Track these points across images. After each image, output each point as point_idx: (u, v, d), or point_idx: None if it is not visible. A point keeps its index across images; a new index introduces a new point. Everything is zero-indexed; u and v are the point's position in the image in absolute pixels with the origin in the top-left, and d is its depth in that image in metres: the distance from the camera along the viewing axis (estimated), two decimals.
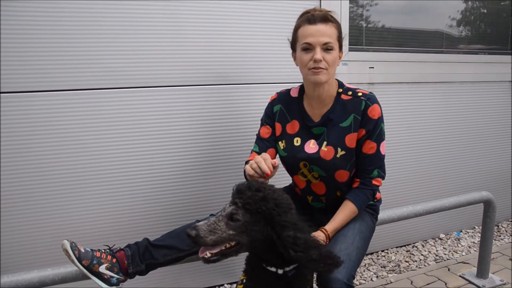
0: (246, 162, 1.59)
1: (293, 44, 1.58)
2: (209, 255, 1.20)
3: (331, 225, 1.50)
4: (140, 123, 2.02)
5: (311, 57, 1.47)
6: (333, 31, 1.49)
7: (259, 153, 1.59)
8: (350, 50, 2.47)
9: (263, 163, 1.31)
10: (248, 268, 1.39)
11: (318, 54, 1.45)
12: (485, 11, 3.07)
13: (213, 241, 1.17)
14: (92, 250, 1.43)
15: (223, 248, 1.21)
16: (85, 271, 1.38)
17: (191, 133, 2.12)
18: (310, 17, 1.49)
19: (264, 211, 1.18)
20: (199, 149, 2.15)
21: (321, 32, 1.46)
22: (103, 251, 1.44)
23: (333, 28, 1.49)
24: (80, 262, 1.37)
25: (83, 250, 1.40)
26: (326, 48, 1.47)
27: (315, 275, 1.48)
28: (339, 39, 1.53)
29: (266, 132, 1.68)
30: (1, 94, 1.78)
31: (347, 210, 1.53)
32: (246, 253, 1.36)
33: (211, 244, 1.19)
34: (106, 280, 1.40)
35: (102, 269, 1.39)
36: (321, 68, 1.47)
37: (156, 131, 2.05)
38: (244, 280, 1.40)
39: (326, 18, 1.48)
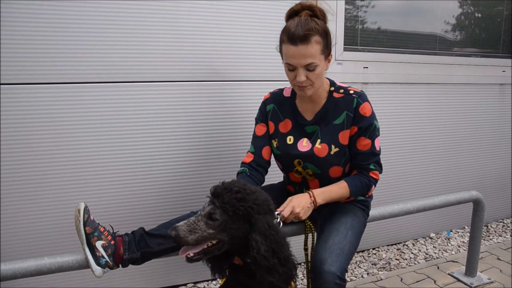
0: (242, 164, 1.67)
1: (281, 53, 1.55)
2: (192, 254, 1.23)
3: (319, 189, 1.54)
4: (137, 116, 2.04)
5: (294, 75, 1.48)
6: (316, 47, 1.43)
7: (254, 153, 1.68)
8: (345, 50, 2.51)
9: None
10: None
11: (301, 76, 1.45)
12: (479, 15, 3.13)
13: (194, 240, 1.21)
14: (98, 223, 1.46)
15: (205, 246, 1.24)
16: (83, 237, 1.39)
17: (187, 127, 2.15)
18: (291, 36, 1.42)
19: (241, 211, 1.21)
20: (195, 143, 2.18)
21: (302, 54, 1.42)
22: (106, 229, 1.46)
23: (315, 44, 1.43)
24: (84, 226, 1.39)
25: (92, 218, 1.42)
26: (309, 68, 1.46)
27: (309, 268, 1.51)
28: (325, 48, 1.48)
29: (261, 130, 1.72)
30: (1, 86, 1.79)
31: (339, 185, 1.56)
32: None
33: (192, 244, 1.22)
34: (96, 257, 1.41)
35: (99, 244, 1.40)
36: (305, 85, 1.49)
37: (153, 125, 2.08)
38: (227, 272, 1.43)
39: (306, 37, 1.41)
